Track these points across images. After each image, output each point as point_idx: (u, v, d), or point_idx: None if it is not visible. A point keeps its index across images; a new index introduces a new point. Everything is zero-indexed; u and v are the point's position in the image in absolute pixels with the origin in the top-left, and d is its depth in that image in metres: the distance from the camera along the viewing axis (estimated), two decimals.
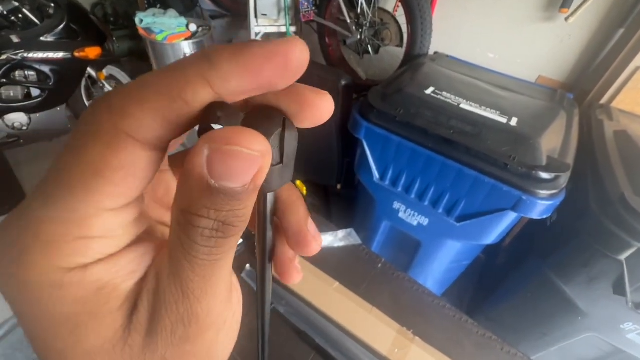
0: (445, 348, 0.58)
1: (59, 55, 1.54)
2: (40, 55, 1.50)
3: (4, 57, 1.42)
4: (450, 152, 0.87)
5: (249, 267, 0.65)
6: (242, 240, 0.68)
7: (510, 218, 0.88)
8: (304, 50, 0.11)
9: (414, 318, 0.63)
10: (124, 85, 0.11)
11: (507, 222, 0.89)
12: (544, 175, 0.80)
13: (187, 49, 1.71)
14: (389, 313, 0.62)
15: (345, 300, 0.63)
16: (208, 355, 0.13)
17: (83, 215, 0.11)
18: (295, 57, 0.11)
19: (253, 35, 1.79)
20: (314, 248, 0.16)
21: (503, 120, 0.89)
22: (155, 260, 0.13)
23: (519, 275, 1.09)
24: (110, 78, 2.00)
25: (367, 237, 1.26)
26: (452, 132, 0.87)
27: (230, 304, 0.14)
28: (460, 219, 0.95)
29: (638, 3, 1.08)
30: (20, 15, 1.54)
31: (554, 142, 0.89)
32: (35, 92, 1.59)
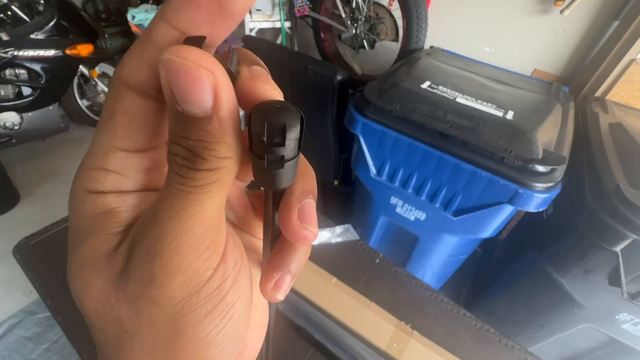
0: (444, 342, 0.58)
1: (50, 53, 1.51)
2: (31, 53, 1.47)
3: None
4: (447, 146, 0.87)
5: None
6: None
7: (507, 211, 0.88)
8: None
9: (412, 312, 0.63)
10: None
11: (503, 215, 0.90)
12: (540, 168, 0.80)
13: None
14: (388, 308, 0.62)
15: (344, 296, 0.63)
16: (177, 325, 0.12)
17: (103, 150, 0.13)
18: None
19: (247, 31, 1.77)
20: (302, 236, 0.14)
21: (499, 114, 0.89)
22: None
23: (516, 268, 1.10)
24: (103, 76, 1.98)
25: (364, 232, 1.26)
26: (448, 126, 0.87)
27: (223, 263, 0.13)
28: (457, 213, 0.95)
29: None
30: (9, 13, 1.51)
31: (550, 135, 0.89)
32: (27, 90, 1.57)
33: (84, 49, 1.62)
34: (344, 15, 1.58)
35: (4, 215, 1.60)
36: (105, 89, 1.98)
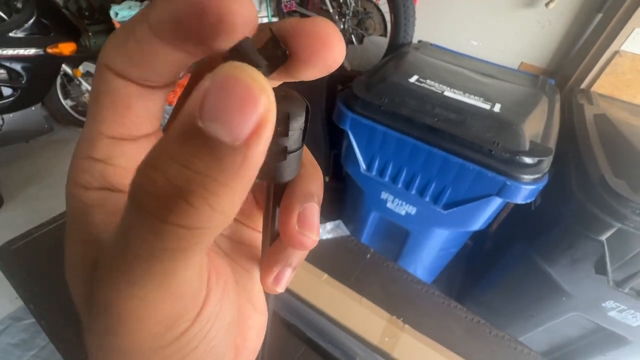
0: (435, 334, 0.58)
1: (31, 52, 1.47)
2: (10, 52, 1.43)
3: None
4: (435, 140, 0.87)
5: None
6: None
7: (496, 204, 0.89)
8: (239, 3, 0.09)
9: (404, 306, 0.63)
10: None
11: (492, 207, 0.91)
12: (527, 160, 0.81)
13: None
14: (379, 303, 0.62)
15: (335, 292, 0.62)
16: None
17: (91, 137, 0.12)
18: (218, 9, 0.09)
19: None
20: (299, 242, 0.13)
21: (486, 107, 0.89)
22: None
23: (506, 260, 1.11)
24: (87, 75, 1.93)
25: (356, 228, 1.26)
26: (436, 120, 0.87)
27: (204, 308, 0.11)
28: (447, 207, 0.96)
29: None
30: None
31: (537, 127, 0.90)
32: (7, 91, 1.52)
33: (66, 48, 1.58)
34: (332, 11, 1.57)
35: None
36: (90, 88, 1.94)
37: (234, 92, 0.08)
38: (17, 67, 1.48)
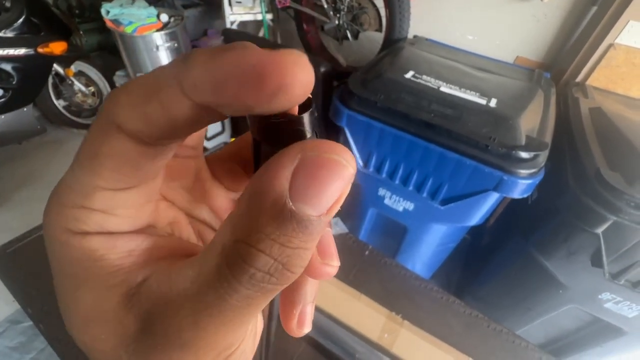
0: (434, 329, 0.59)
1: (21, 52, 1.45)
2: (0, 52, 1.40)
3: None
4: (432, 136, 0.87)
5: None
6: None
7: (493, 198, 0.89)
8: (302, 70, 0.09)
9: (403, 303, 0.63)
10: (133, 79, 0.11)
11: (489, 202, 0.91)
12: (524, 155, 0.81)
13: (159, 41, 1.63)
14: (378, 299, 0.62)
15: (334, 289, 0.62)
16: None
17: (86, 188, 0.11)
18: (281, 77, 0.09)
19: (228, 24, 1.73)
20: (325, 273, 0.13)
21: (483, 102, 0.89)
22: (162, 266, 0.12)
23: (504, 255, 1.12)
24: (79, 74, 1.91)
25: (354, 225, 1.26)
26: (432, 115, 0.87)
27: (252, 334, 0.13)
28: (445, 202, 0.96)
29: None
30: None
31: (533, 121, 0.90)
32: None
33: (57, 47, 1.55)
34: (326, 6, 1.55)
35: None
36: (82, 88, 1.91)
37: (322, 172, 0.09)
38: (7, 67, 1.45)
